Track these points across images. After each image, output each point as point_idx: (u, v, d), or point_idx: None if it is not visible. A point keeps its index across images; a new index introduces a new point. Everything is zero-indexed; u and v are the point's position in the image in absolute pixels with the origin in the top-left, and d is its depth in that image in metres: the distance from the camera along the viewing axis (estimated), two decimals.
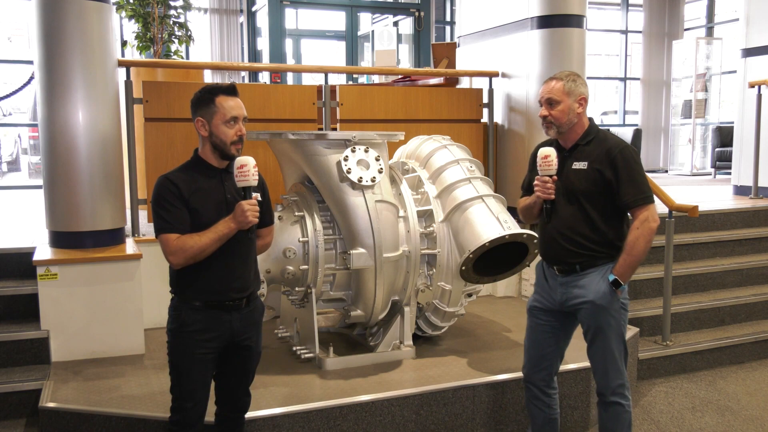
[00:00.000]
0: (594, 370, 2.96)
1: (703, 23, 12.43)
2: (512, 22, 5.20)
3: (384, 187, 3.63)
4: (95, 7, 3.88)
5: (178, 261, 2.43)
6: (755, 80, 6.54)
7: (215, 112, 2.48)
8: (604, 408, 2.94)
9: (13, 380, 3.46)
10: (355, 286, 3.66)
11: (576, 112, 2.85)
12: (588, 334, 2.91)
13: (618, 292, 2.80)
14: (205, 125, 2.49)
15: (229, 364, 2.64)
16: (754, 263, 5.44)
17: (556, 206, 2.89)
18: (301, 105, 4.73)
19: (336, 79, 8.22)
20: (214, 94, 2.49)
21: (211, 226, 2.43)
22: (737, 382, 4.46)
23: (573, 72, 2.93)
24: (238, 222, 2.44)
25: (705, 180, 9.58)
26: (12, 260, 4.01)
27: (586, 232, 2.82)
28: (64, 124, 3.85)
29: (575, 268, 2.86)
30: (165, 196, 2.44)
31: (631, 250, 2.75)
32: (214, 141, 2.50)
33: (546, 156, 2.84)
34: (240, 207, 2.43)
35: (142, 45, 6.89)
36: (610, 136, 2.89)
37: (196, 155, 2.57)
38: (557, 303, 2.94)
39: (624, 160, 2.76)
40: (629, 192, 2.75)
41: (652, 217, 2.75)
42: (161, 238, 2.44)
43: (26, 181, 10.26)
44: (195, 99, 2.53)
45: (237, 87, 2.56)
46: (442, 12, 13.09)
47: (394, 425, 3.31)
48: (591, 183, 2.80)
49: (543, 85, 2.92)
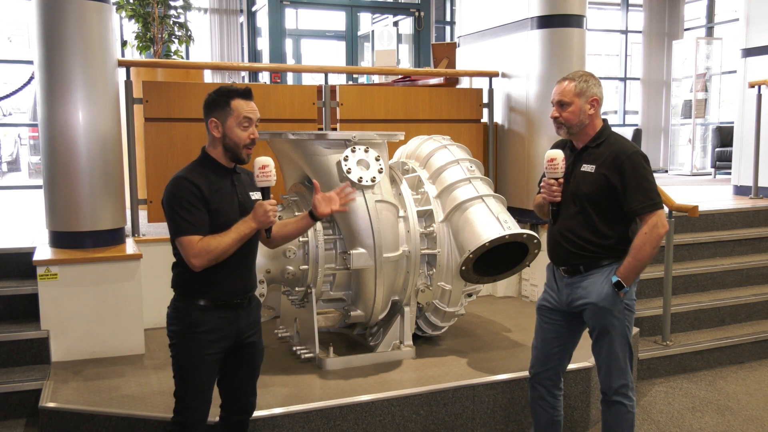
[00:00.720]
0: (598, 369, 2.96)
1: (703, 23, 12.44)
2: (512, 22, 5.20)
3: (384, 187, 3.63)
4: (95, 7, 3.88)
5: (201, 263, 2.38)
6: (755, 80, 6.54)
7: (230, 114, 2.47)
8: (607, 407, 2.94)
9: (13, 380, 3.46)
10: (355, 286, 3.66)
11: (587, 114, 2.81)
12: (593, 333, 2.91)
13: (621, 294, 2.78)
14: (218, 126, 2.48)
15: (236, 364, 2.63)
16: (754, 263, 5.44)
17: (562, 208, 2.87)
18: (301, 105, 4.73)
19: (336, 79, 8.22)
20: (230, 96, 2.48)
21: (231, 227, 2.43)
22: (737, 382, 4.46)
23: (587, 72, 2.88)
24: (260, 222, 2.46)
25: (705, 180, 9.59)
26: (12, 260, 4.01)
27: (587, 236, 2.81)
28: (64, 124, 3.85)
29: (579, 269, 2.85)
30: (185, 196, 2.39)
31: (637, 254, 2.72)
32: (227, 143, 2.49)
33: (552, 159, 2.81)
34: (262, 207, 2.45)
35: (142, 45, 6.89)
36: (621, 140, 2.84)
37: (206, 154, 2.53)
38: (564, 304, 2.94)
39: (632, 167, 2.72)
40: (637, 199, 2.71)
41: (661, 222, 2.71)
42: (183, 241, 2.38)
43: (26, 181, 10.26)
44: (210, 100, 2.50)
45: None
46: (442, 12, 13.09)
47: (394, 425, 3.31)
48: (596, 187, 2.77)
49: (556, 84, 2.88)
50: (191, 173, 2.45)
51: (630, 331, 2.89)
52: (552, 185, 2.84)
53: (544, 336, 3.04)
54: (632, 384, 2.92)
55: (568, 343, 3.04)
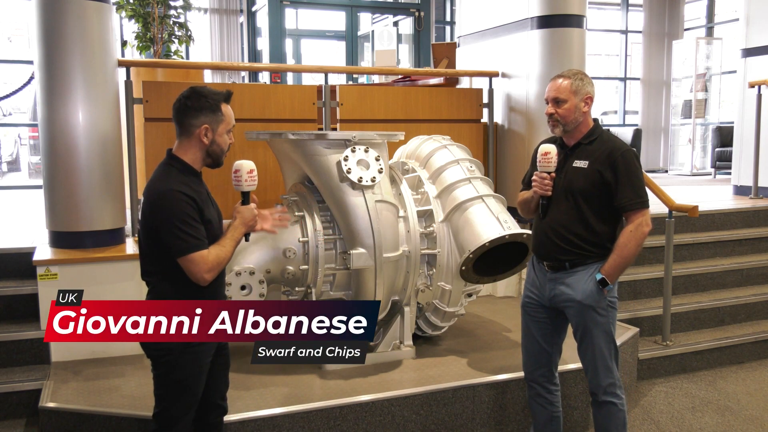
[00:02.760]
0: (585, 370, 2.98)
1: (703, 23, 12.44)
2: (512, 22, 5.20)
3: (384, 187, 3.63)
4: (95, 7, 3.88)
5: (212, 276, 2.32)
6: (755, 80, 6.54)
7: (221, 121, 2.40)
8: (597, 407, 2.96)
9: (13, 380, 3.46)
10: (355, 286, 3.66)
11: (582, 111, 2.86)
12: (577, 334, 2.94)
13: (605, 291, 2.82)
14: (209, 132, 2.38)
15: (216, 366, 2.57)
16: (754, 263, 5.44)
17: (553, 203, 2.91)
18: (301, 105, 4.73)
19: (336, 79, 8.22)
20: (219, 100, 2.40)
21: (218, 236, 2.40)
22: (737, 382, 4.46)
23: (580, 70, 2.93)
24: (249, 227, 2.43)
25: (705, 180, 9.58)
26: (12, 260, 4.01)
27: (579, 231, 2.84)
28: (64, 124, 3.85)
29: (564, 265, 2.88)
30: (187, 211, 2.28)
31: (621, 251, 2.77)
32: (212, 149, 2.41)
33: (546, 153, 2.86)
34: (251, 211, 2.43)
35: (142, 45, 6.89)
36: (613, 137, 2.90)
37: (182, 160, 2.39)
38: (546, 299, 2.97)
39: (625, 163, 2.77)
40: (627, 195, 2.76)
41: (646, 221, 2.78)
42: (194, 258, 2.27)
43: (26, 181, 10.26)
44: (201, 103, 2.37)
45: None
46: (442, 12, 13.09)
47: (394, 425, 3.31)
48: (590, 182, 2.81)
49: (550, 82, 2.91)
50: (180, 185, 2.32)
51: (614, 328, 2.92)
52: (544, 179, 2.88)
53: (532, 333, 3.06)
54: (620, 382, 2.94)
55: (556, 337, 3.06)
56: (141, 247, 2.43)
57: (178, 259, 2.29)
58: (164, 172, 2.38)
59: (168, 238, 2.28)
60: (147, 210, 2.33)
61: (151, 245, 2.37)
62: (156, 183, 2.35)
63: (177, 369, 2.38)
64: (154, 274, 2.42)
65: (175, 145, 2.43)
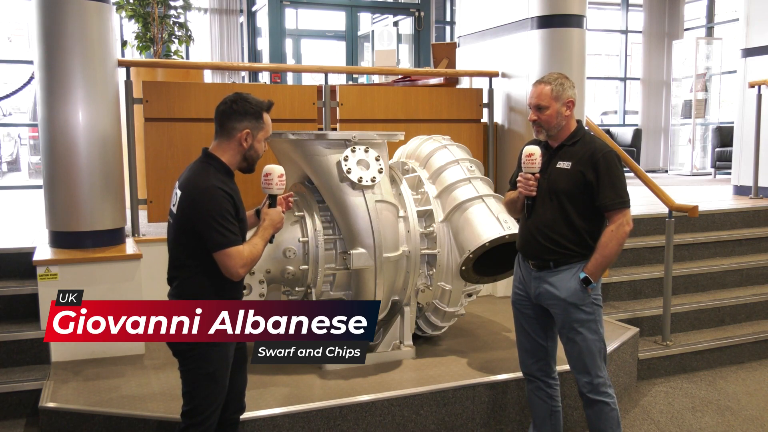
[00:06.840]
0: (573, 369, 3.00)
1: (703, 23, 12.44)
2: (512, 22, 5.20)
3: (384, 187, 3.63)
4: (95, 7, 3.88)
5: (246, 272, 2.42)
6: (755, 80, 6.55)
7: (261, 128, 2.54)
8: (589, 407, 2.98)
9: (13, 380, 3.46)
10: (355, 286, 3.66)
11: (564, 116, 2.92)
12: (563, 334, 2.96)
13: (588, 289, 2.86)
14: (249, 137, 2.50)
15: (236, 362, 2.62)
16: (754, 263, 5.44)
17: (537, 203, 2.94)
18: (301, 105, 4.73)
19: (336, 79, 8.22)
20: (262, 109, 2.54)
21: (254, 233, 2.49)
22: (737, 382, 4.46)
23: (561, 74, 2.98)
24: (276, 228, 2.55)
25: (705, 180, 9.59)
26: (12, 260, 4.01)
27: (563, 231, 2.87)
28: (64, 124, 3.85)
29: (549, 265, 2.92)
30: (226, 207, 2.38)
31: (603, 250, 2.82)
32: (249, 154, 2.53)
33: (530, 154, 2.91)
34: (279, 214, 2.56)
35: (142, 45, 6.89)
36: (596, 139, 2.95)
37: (219, 160, 2.49)
38: (532, 296, 3.01)
39: (606, 164, 2.82)
40: (608, 195, 2.81)
41: (627, 221, 2.83)
42: (231, 252, 2.36)
43: (26, 181, 10.26)
44: (246, 109, 2.50)
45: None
46: (442, 12, 13.10)
47: (394, 425, 3.31)
48: (573, 183, 2.85)
49: (532, 87, 2.98)
50: (221, 182, 2.42)
51: (601, 326, 2.94)
52: (529, 179, 2.93)
53: (524, 329, 3.10)
54: (609, 381, 2.96)
55: (548, 330, 3.08)
56: (175, 241, 2.49)
57: (214, 254, 2.37)
58: (203, 169, 2.46)
59: (207, 232, 2.36)
60: (187, 205, 2.40)
61: (189, 239, 2.42)
62: (196, 179, 2.42)
63: (207, 362, 2.44)
64: (190, 267, 2.46)
65: (213, 145, 2.53)
